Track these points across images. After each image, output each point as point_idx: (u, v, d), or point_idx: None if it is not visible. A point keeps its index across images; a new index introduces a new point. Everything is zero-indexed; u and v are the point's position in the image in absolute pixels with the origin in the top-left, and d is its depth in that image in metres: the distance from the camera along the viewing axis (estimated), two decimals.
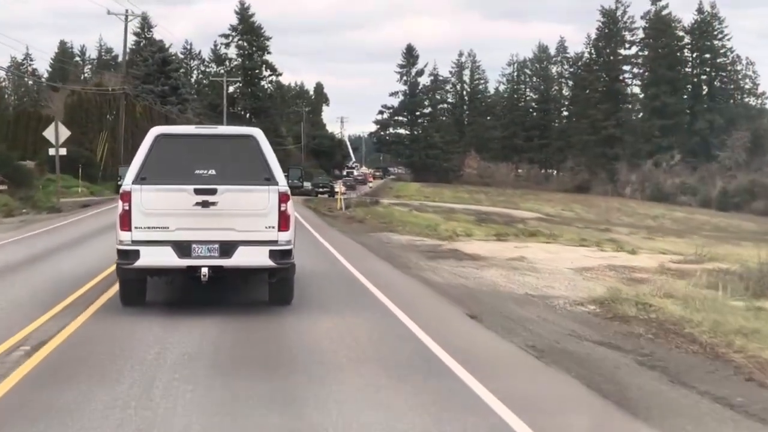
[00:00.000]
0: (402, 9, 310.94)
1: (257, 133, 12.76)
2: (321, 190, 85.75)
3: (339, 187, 62.82)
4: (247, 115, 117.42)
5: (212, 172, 12.09)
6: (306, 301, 13.55)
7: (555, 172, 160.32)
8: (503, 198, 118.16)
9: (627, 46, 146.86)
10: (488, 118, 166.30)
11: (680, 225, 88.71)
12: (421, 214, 45.32)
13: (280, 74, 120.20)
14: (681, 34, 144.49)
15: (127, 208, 11.82)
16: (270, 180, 12.09)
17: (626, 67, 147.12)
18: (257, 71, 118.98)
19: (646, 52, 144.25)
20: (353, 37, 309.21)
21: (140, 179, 11.95)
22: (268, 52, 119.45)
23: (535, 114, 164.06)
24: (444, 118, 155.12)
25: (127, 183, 12.02)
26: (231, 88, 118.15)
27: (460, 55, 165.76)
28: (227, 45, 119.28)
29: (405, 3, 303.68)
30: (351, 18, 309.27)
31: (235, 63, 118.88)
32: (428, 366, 9.38)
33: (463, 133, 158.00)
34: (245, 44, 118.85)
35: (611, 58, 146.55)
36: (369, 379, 8.70)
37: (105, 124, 60.62)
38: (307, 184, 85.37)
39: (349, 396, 8.10)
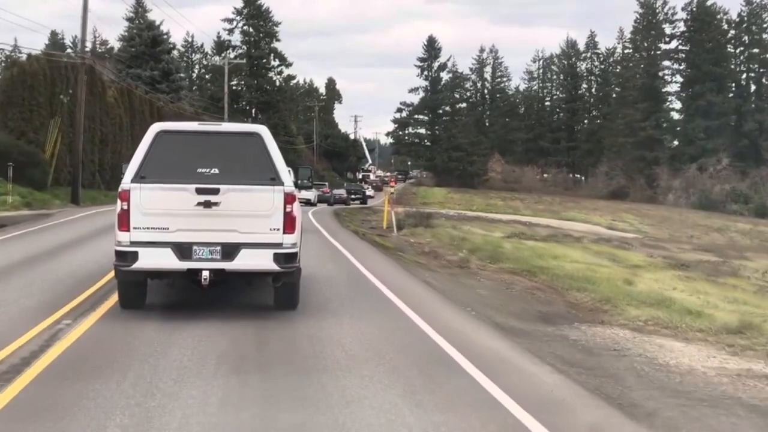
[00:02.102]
0: (409, 14, 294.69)
1: (262, 130, 11.45)
2: (354, 197, 74.57)
3: (386, 195, 45.02)
4: (253, 110, 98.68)
5: (215, 170, 10.86)
6: None
7: (583, 177, 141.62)
8: (542, 206, 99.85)
9: (666, 39, 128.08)
10: (507, 119, 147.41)
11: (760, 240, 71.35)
12: (543, 247, 26.39)
13: (290, 64, 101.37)
14: (727, 27, 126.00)
15: (125, 207, 10.68)
16: (275, 180, 10.90)
17: (666, 63, 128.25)
18: (264, 60, 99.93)
19: (688, 47, 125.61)
20: (359, 41, 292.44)
21: (140, 177, 10.72)
22: (277, 39, 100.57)
23: (561, 114, 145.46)
24: (463, 118, 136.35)
25: (125, 181, 10.75)
26: (234, 81, 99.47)
27: (481, 51, 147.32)
28: (231, 31, 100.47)
29: (410, 8, 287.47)
30: (357, 22, 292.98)
31: (240, 51, 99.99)
32: None
33: (484, 135, 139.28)
34: (251, 30, 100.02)
35: (650, 52, 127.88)
36: None
37: (59, 108, 41.82)
38: (341, 192, 74.75)
39: None
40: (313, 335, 10.26)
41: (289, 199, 10.96)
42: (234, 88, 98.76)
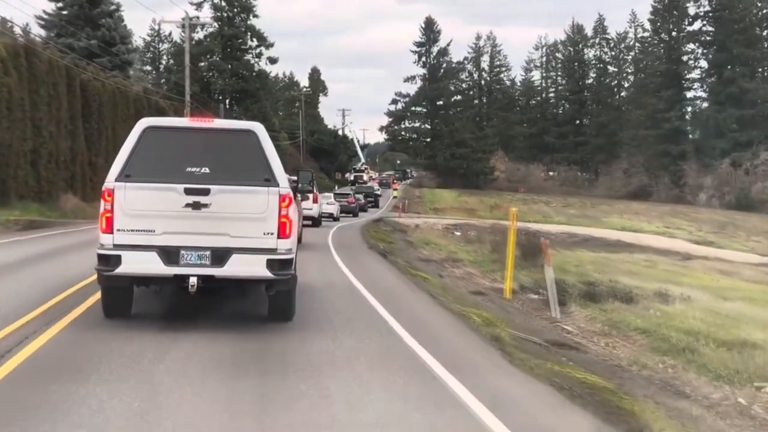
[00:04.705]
0: (382, 14, 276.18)
1: (258, 128, 9.94)
2: (367, 200, 67.79)
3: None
4: (227, 100, 78.10)
5: (205, 170, 9.48)
6: None
7: (592, 175, 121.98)
8: (574, 210, 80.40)
9: (690, 20, 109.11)
10: (505, 113, 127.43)
11: None
12: None
13: (271, 45, 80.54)
14: (759, 3, 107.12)
15: (109, 207, 9.31)
16: (270, 181, 9.49)
17: (691, 46, 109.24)
18: (240, 41, 79.34)
19: (715, 28, 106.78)
20: (333, 43, 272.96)
21: (124, 176, 9.37)
22: (255, 16, 79.97)
23: (567, 106, 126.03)
24: (459, 109, 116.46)
25: (109, 180, 9.41)
26: (203, 65, 78.93)
27: (478, 38, 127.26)
28: (199, 6, 79.36)
29: (383, 8, 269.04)
30: (330, 23, 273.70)
31: (211, 30, 79.32)
32: None
33: (483, 129, 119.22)
34: (223, 4, 79.27)
35: (671, 34, 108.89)
36: None
37: None
38: (359, 196, 64.58)
39: None
40: None
41: (284, 201, 9.46)
42: (204, 76, 78.27)
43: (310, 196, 26.65)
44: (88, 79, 37.36)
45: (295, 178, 13.50)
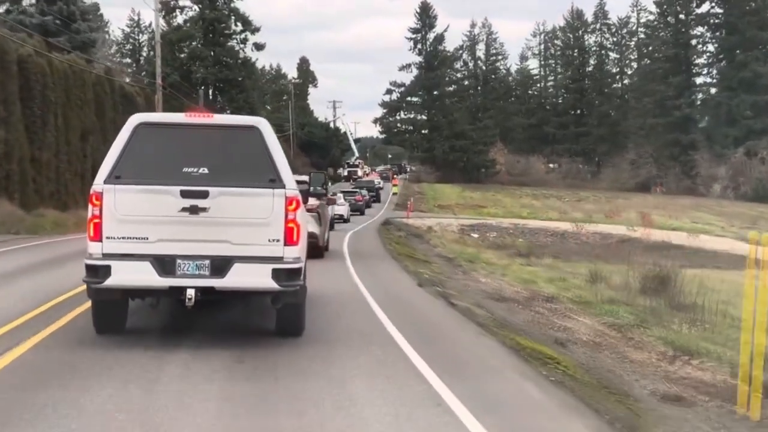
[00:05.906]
0: (370, 10, 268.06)
1: (262, 123, 8.71)
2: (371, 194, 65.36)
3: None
4: (210, 89, 69.89)
5: (204, 170, 8.37)
6: None
7: (593, 166, 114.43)
8: (591, 205, 72.70)
9: (698, 1, 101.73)
10: (501, 102, 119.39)
11: None
12: None
13: (257, 29, 72.41)
14: None
15: (97, 212, 8.22)
16: (275, 181, 8.34)
17: (700, 29, 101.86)
18: (223, 25, 71.16)
19: (724, 9, 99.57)
20: (321, 38, 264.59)
21: (114, 177, 8.30)
22: None
23: (567, 95, 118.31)
24: (456, 99, 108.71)
25: (98, 182, 8.35)
26: (183, 54, 70.78)
27: (473, 26, 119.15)
28: None
29: (373, 3, 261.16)
30: (317, 19, 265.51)
31: (191, 14, 71.16)
32: None
33: (479, 120, 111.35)
34: None
35: (680, 17, 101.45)
36: None
37: None
38: (364, 193, 61.28)
39: None
40: None
41: (291, 204, 8.34)
42: (184, 64, 70.13)
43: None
44: (28, 54, 29.16)
45: (301, 178, 11.32)
